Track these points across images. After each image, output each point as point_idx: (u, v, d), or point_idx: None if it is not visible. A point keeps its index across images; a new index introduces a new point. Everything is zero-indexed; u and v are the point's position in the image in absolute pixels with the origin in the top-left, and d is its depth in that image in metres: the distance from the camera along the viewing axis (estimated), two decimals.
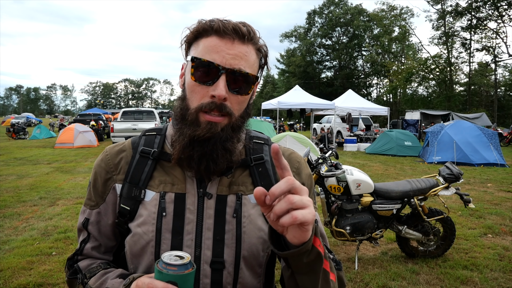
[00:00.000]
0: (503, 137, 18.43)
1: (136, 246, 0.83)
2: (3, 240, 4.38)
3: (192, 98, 0.80)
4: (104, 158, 0.92)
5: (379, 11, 43.78)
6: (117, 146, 0.94)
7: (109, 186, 0.89)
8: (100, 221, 0.90)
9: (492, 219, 5.40)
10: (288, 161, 0.93)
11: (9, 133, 21.16)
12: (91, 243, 0.91)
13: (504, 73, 43.69)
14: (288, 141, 9.56)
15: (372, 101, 42.90)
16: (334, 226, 3.57)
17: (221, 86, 0.76)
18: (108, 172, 0.90)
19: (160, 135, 0.92)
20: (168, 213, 0.83)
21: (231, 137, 0.81)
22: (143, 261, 0.84)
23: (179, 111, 0.83)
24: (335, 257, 0.89)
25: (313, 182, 0.97)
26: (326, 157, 3.67)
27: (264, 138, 0.97)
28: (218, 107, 0.78)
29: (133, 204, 0.85)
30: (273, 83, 69.58)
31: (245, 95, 0.82)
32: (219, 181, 0.86)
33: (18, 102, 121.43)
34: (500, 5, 32.40)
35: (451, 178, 3.67)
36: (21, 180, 8.07)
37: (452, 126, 11.86)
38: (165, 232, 0.82)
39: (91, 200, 0.91)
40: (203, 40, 0.80)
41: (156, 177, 0.86)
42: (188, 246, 0.82)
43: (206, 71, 0.78)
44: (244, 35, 0.79)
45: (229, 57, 0.78)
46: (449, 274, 3.51)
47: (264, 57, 0.87)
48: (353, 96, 18.41)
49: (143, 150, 0.89)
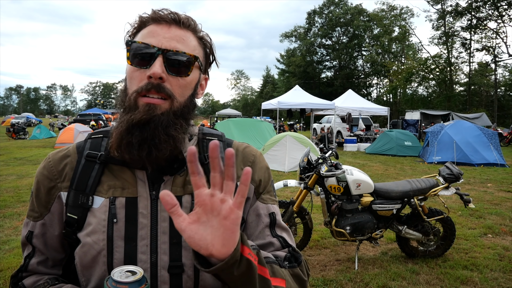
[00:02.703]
0: (503, 137, 18.44)
1: (86, 257, 0.78)
2: (3, 240, 4.38)
3: (131, 85, 0.78)
4: (47, 165, 0.85)
5: (379, 11, 43.83)
6: (61, 152, 0.87)
7: (54, 194, 0.83)
8: (46, 233, 0.83)
9: (492, 219, 5.40)
10: (243, 155, 0.91)
11: (9, 133, 21.15)
12: (36, 258, 0.83)
13: (504, 73, 43.74)
14: (288, 141, 9.56)
15: (372, 101, 42.88)
16: (334, 226, 3.57)
17: (157, 65, 0.74)
18: (52, 180, 0.84)
19: (107, 137, 0.86)
20: (119, 219, 0.78)
21: (173, 123, 0.77)
22: (95, 273, 0.78)
23: (121, 102, 0.80)
24: (294, 252, 0.84)
25: (270, 174, 0.94)
26: (326, 157, 3.67)
27: (218, 134, 0.94)
28: (156, 87, 0.75)
29: (81, 212, 0.79)
30: (273, 83, 69.61)
31: (185, 76, 0.78)
32: (173, 182, 0.81)
33: (18, 102, 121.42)
34: (500, 5, 32.41)
35: (451, 178, 3.67)
36: (21, 180, 8.07)
37: (452, 126, 11.86)
38: (117, 240, 0.77)
39: (34, 211, 0.84)
40: (142, 31, 0.80)
41: (104, 182, 0.81)
42: (143, 252, 0.77)
43: (142, 54, 0.76)
44: (181, 20, 0.79)
45: (165, 40, 0.76)
46: (449, 274, 3.52)
47: (209, 49, 0.85)
48: (353, 96, 18.41)
49: (89, 154, 0.84)
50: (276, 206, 0.91)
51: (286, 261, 0.81)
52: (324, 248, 4.22)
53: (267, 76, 77.55)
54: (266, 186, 0.91)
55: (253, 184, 0.89)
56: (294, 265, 0.81)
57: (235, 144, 0.94)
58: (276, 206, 0.91)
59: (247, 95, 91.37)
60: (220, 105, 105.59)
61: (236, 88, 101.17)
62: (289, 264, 0.81)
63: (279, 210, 0.95)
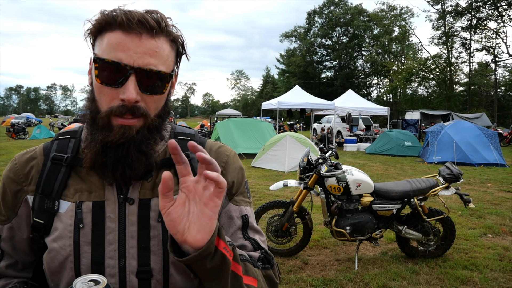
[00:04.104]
0: (503, 137, 18.44)
1: (53, 262, 0.76)
2: None
3: (101, 101, 0.72)
4: (13, 167, 0.83)
5: (379, 11, 43.84)
6: (27, 154, 0.84)
7: (20, 198, 0.80)
8: (14, 236, 0.81)
9: (492, 219, 5.40)
10: (216, 155, 0.88)
11: (9, 133, 21.15)
12: (5, 261, 0.82)
13: (504, 73, 43.75)
14: (288, 141, 9.56)
15: (372, 101, 42.88)
16: (334, 226, 3.57)
17: (131, 88, 0.69)
18: (18, 183, 0.81)
19: (75, 138, 0.84)
20: (85, 224, 0.76)
21: (146, 139, 0.74)
22: (63, 278, 0.77)
23: (89, 113, 0.75)
24: (267, 255, 0.84)
25: (244, 175, 0.91)
26: (326, 157, 3.67)
27: (190, 133, 0.90)
28: (130, 110, 0.70)
29: (47, 217, 0.77)
30: (273, 83, 69.61)
31: (160, 94, 0.74)
32: (141, 184, 0.79)
33: (18, 102, 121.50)
34: (500, 5, 32.41)
35: (451, 178, 3.67)
36: None
37: (452, 126, 11.87)
38: (84, 245, 0.75)
39: (1, 214, 0.82)
40: (107, 36, 0.71)
41: (71, 186, 0.78)
42: (111, 257, 0.76)
43: (112, 72, 0.70)
44: (153, 27, 0.70)
45: (137, 56, 0.69)
46: (449, 274, 3.51)
47: (181, 45, 0.78)
48: (353, 96, 18.42)
49: (54, 156, 0.81)
50: (249, 207, 0.89)
51: (260, 261, 0.81)
52: (324, 248, 4.22)
53: (267, 76, 77.59)
54: (239, 188, 0.89)
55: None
56: (267, 267, 0.81)
57: (209, 144, 0.91)
58: (249, 208, 0.89)
59: (247, 95, 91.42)
60: (220, 105, 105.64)
61: (236, 88, 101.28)
62: (263, 265, 0.80)
63: (253, 211, 0.93)
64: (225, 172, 0.87)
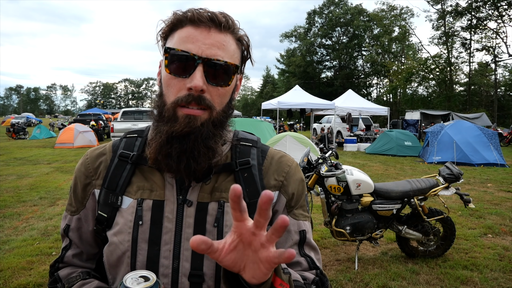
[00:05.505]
0: (503, 137, 18.43)
1: (112, 256, 0.79)
2: (3, 240, 4.38)
3: (168, 93, 0.75)
4: (84, 162, 0.87)
5: (379, 11, 43.80)
6: (98, 149, 0.89)
7: (89, 191, 0.85)
8: (81, 227, 0.86)
9: (492, 219, 5.40)
10: (277, 165, 0.87)
11: (9, 133, 21.15)
12: (72, 250, 0.86)
13: (504, 73, 43.71)
14: (288, 141, 9.56)
15: (372, 101, 42.90)
16: (334, 226, 3.57)
17: (198, 77, 0.71)
18: (88, 176, 0.85)
19: (142, 137, 0.87)
20: (144, 221, 0.78)
21: (213, 134, 0.75)
22: (120, 272, 0.79)
23: (157, 109, 0.78)
24: (321, 275, 0.82)
25: (305, 187, 0.89)
26: (326, 157, 3.67)
27: (253, 140, 0.89)
28: (196, 99, 0.72)
29: (110, 211, 0.80)
30: (273, 83, 69.59)
31: (225, 86, 0.75)
32: (201, 187, 0.80)
33: (18, 102, 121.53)
34: (500, 5, 32.39)
35: (451, 178, 3.67)
36: (21, 180, 8.07)
37: (452, 126, 11.86)
38: (141, 242, 0.77)
39: (71, 205, 0.87)
40: (178, 32, 0.75)
41: (134, 183, 0.81)
42: (166, 257, 0.77)
43: (181, 63, 0.72)
44: (221, 23, 0.74)
45: (205, 47, 0.72)
46: (449, 274, 3.51)
47: (246, 49, 0.80)
48: (353, 96, 18.41)
49: (121, 153, 0.84)
50: (307, 223, 0.87)
51: (314, 284, 0.79)
52: (324, 248, 4.22)
53: (267, 76, 77.54)
54: (299, 200, 0.87)
55: (286, 197, 0.85)
56: None
57: (271, 152, 0.90)
58: (307, 223, 0.87)
59: (247, 95, 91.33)
60: None
61: None
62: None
63: (310, 226, 0.89)
64: (286, 183, 0.86)
